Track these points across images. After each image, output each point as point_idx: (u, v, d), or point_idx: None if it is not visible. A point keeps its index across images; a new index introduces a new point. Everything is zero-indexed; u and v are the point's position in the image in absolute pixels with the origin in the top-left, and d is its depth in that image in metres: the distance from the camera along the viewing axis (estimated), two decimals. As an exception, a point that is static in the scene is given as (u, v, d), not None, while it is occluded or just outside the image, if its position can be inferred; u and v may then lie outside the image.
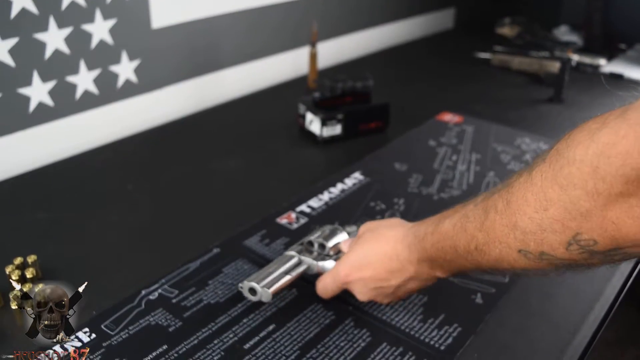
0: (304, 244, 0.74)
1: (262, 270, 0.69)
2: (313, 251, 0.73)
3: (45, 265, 0.76)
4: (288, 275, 0.69)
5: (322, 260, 0.71)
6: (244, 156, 1.09)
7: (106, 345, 0.64)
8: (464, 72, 1.58)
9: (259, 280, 0.67)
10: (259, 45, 1.42)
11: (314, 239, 0.72)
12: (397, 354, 0.64)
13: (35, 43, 1.00)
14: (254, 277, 0.68)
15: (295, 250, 0.73)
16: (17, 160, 1.03)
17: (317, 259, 0.71)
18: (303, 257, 0.71)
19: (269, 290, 0.66)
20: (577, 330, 0.68)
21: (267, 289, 0.66)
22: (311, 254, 0.72)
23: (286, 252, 0.73)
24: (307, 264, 0.71)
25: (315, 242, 0.72)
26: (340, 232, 0.74)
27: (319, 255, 0.72)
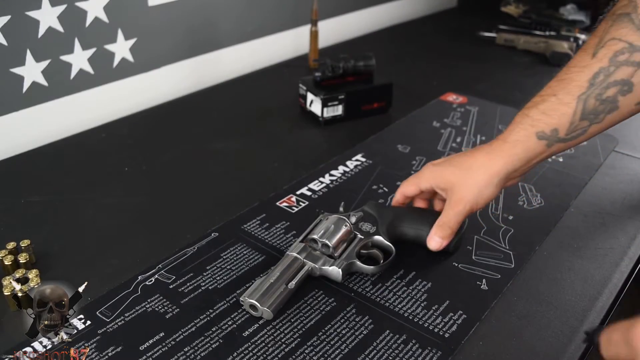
0: (306, 240, 0.71)
1: (264, 282, 0.65)
2: (316, 249, 0.70)
3: (39, 250, 0.74)
4: (290, 287, 0.65)
5: (326, 262, 0.69)
6: (243, 138, 1.07)
7: (101, 332, 0.63)
8: (468, 52, 1.55)
9: (261, 297, 0.64)
10: (258, 24, 1.39)
11: (318, 238, 0.70)
12: (400, 341, 0.62)
13: (28, 21, 0.97)
14: (255, 292, 0.64)
15: (298, 251, 0.70)
16: (10, 141, 1.01)
17: (321, 262, 0.69)
18: (306, 261, 0.69)
19: (269, 311, 0.63)
20: (585, 317, 0.66)
21: (269, 309, 0.63)
22: (315, 251, 0.70)
23: (289, 252, 0.70)
24: (311, 267, 0.69)
25: (319, 241, 0.70)
26: (345, 226, 0.72)
27: (322, 254, 0.70)
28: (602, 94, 0.65)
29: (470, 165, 0.70)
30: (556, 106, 0.67)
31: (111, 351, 0.60)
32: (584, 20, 1.70)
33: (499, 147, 0.69)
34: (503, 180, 0.70)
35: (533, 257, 0.76)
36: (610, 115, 0.67)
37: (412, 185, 0.75)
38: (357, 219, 0.74)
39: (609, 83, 0.65)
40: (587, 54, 0.67)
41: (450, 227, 0.70)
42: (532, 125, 0.68)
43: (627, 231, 0.81)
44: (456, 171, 0.71)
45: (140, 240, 0.79)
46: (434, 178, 0.73)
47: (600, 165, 0.97)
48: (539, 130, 0.68)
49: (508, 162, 0.69)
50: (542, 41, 1.50)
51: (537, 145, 0.68)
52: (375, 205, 0.77)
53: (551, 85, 0.69)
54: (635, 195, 0.89)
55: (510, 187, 0.76)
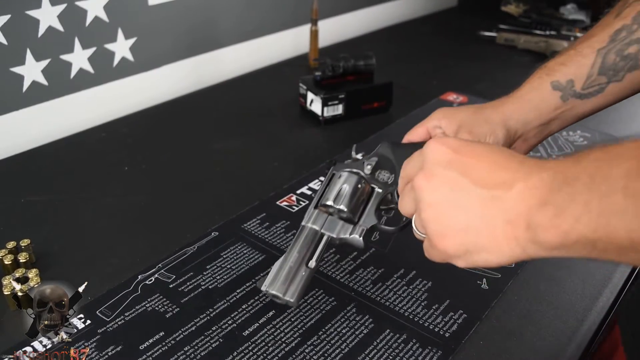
0: (321, 206, 0.64)
1: (283, 266, 0.61)
2: (333, 213, 0.64)
3: (38, 250, 0.74)
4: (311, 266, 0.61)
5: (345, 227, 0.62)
6: (243, 137, 1.07)
7: (101, 331, 0.63)
8: (469, 51, 1.55)
9: (282, 286, 0.60)
10: (259, 23, 1.39)
11: (333, 205, 0.63)
12: (401, 341, 0.62)
13: (28, 20, 0.97)
14: (275, 280, 0.60)
15: (314, 220, 0.63)
16: (10, 141, 1.01)
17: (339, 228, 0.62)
18: (324, 232, 0.63)
19: (294, 300, 0.59)
20: (586, 317, 0.66)
21: (292, 300, 0.59)
22: (331, 215, 0.63)
23: (305, 223, 0.64)
24: (329, 237, 0.63)
25: (334, 207, 0.63)
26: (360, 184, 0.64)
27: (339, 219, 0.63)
28: (623, 50, 0.63)
29: (483, 107, 0.66)
30: (574, 57, 0.64)
31: (111, 351, 0.60)
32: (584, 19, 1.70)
33: (513, 95, 0.67)
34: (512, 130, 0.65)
35: (533, 256, 0.75)
36: (631, 73, 0.63)
37: (419, 127, 0.69)
38: (372, 167, 0.66)
39: (631, 40, 0.62)
40: (611, 15, 0.65)
41: None
42: (548, 74, 0.65)
43: (627, 231, 0.81)
44: (466, 112, 0.67)
45: (140, 239, 0.79)
46: (445, 116, 0.67)
47: (600, 164, 0.97)
48: (554, 79, 0.65)
49: (519, 109, 0.65)
50: (543, 41, 1.50)
51: (552, 96, 0.64)
52: (391, 146, 0.69)
53: (572, 44, 0.67)
54: (635, 194, 0.89)
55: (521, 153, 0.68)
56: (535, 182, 0.40)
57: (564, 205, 0.38)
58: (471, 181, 0.43)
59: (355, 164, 0.67)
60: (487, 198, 0.43)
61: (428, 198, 0.46)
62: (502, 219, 0.42)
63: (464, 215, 0.44)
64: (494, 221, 0.42)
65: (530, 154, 0.98)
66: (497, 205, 0.42)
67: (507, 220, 0.41)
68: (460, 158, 0.45)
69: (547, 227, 0.39)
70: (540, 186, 0.40)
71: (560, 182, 0.39)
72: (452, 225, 0.44)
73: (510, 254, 0.42)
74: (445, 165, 0.45)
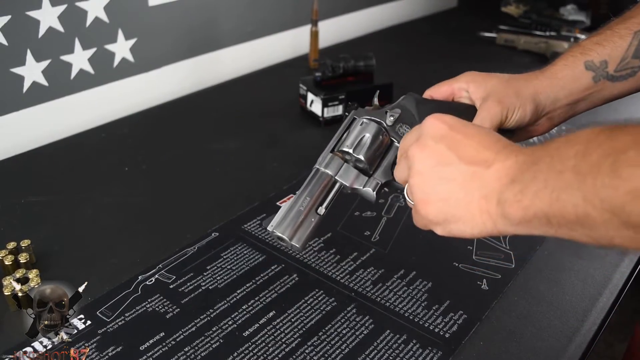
0: (337, 151, 0.62)
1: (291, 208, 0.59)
2: (348, 160, 0.61)
3: (39, 250, 0.74)
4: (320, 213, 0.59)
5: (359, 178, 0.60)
6: (243, 138, 1.07)
7: (102, 332, 0.63)
8: (469, 52, 1.55)
9: (289, 230, 0.58)
10: (259, 24, 1.39)
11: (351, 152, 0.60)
12: (401, 341, 0.62)
13: (28, 21, 0.97)
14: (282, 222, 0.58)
15: (329, 164, 0.61)
16: (11, 141, 1.01)
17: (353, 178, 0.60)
18: (337, 179, 0.60)
19: (299, 246, 0.58)
20: (586, 317, 0.66)
21: (298, 245, 0.58)
22: (346, 162, 0.61)
23: (319, 167, 0.61)
24: (342, 185, 0.61)
25: (352, 155, 0.61)
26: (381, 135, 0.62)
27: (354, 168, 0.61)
28: None
29: (515, 79, 0.65)
30: (610, 37, 0.64)
31: (111, 351, 0.60)
32: (584, 20, 1.70)
33: (546, 70, 0.66)
34: (540, 106, 0.64)
35: (533, 257, 0.76)
36: None
37: (445, 85, 0.68)
38: (394, 119, 0.64)
39: None
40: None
41: None
42: (582, 53, 0.64)
43: (627, 231, 0.81)
44: (497, 80, 0.65)
45: (140, 240, 0.79)
46: (474, 80, 0.66)
47: (600, 165, 0.97)
48: (588, 59, 0.64)
49: (551, 85, 0.64)
50: (543, 41, 1.50)
51: (583, 75, 0.64)
52: (415, 99, 0.66)
53: (609, 23, 0.66)
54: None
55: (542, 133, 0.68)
56: (511, 163, 0.45)
57: (527, 183, 0.42)
58: (457, 156, 0.47)
59: (377, 113, 0.64)
60: (468, 173, 0.47)
61: (417, 166, 0.50)
62: (479, 194, 0.46)
63: (447, 186, 0.47)
64: (472, 195, 0.46)
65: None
66: (476, 181, 0.46)
67: (482, 195, 0.46)
68: (453, 134, 0.49)
69: (512, 202, 0.43)
70: (513, 166, 0.44)
71: (529, 163, 0.43)
72: (434, 194, 0.48)
73: (482, 227, 0.46)
74: (438, 139, 0.49)
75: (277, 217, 0.59)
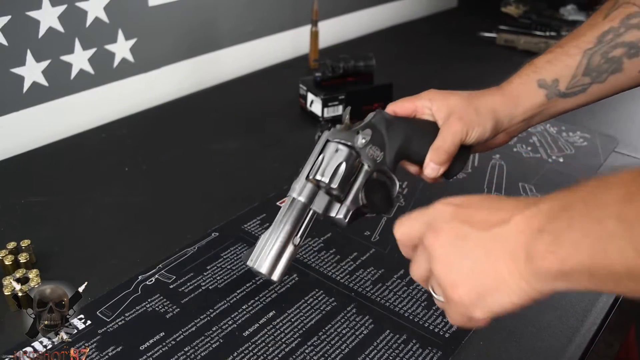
0: (312, 179, 0.63)
1: (269, 241, 0.61)
2: (321, 186, 0.63)
3: (39, 250, 0.74)
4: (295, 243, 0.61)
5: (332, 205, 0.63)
6: (243, 138, 1.07)
7: (102, 332, 0.63)
8: (469, 52, 1.55)
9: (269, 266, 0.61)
10: (259, 24, 1.39)
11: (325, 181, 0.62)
12: (401, 341, 0.62)
13: (28, 21, 0.97)
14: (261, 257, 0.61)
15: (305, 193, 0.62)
16: (10, 141, 1.01)
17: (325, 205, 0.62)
18: (312, 207, 0.62)
19: (276, 280, 0.61)
20: (586, 317, 0.66)
21: (275, 279, 0.61)
22: (319, 188, 0.63)
23: (295, 195, 0.63)
24: (316, 214, 0.63)
25: (325, 183, 0.62)
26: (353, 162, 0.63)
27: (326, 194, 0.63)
28: (608, 52, 0.65)
29: (474, 97, 0.67)
30: (561, 57, 0.66)
31: (111, 351, 0.60)
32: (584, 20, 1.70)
33: (503, 88, 0.68)
34: (499, 123, 0.66)
35: (533, 257, 0.75)
36: (613, 76, 0.66)
37: (408, 102, 0.69)
38: (365, 142, 0.65)
39: (617, 43, 0.65)
40: (600, 14, 0.67)
41: (446, 150, 0.64)
42: (535, 72, 0.67)
43: (627, 231, 0.81)
44: (458, 98, 0.67)
45: (140, 240, 0.79)
46: (434, 98, 0.67)
47: (600, 165, 0.97)
48: (541, 77, 0.66)
49: (508, 102, 0.66)
50: (543, 42, 1.50)
51: (537, 93, 0.66)
52: (385, 119, 0.67)
53: (561, 41, 0.68)
54: (635, 195, 0.89)
55: (500, 145, 0.71)
56: (532, 213, 0.41)
57: (560, 232, 0.38)
58: (472, 227, 0.44)
59: (348, 134, 0.65)
60: (487, 238, 0.43)
61: (437, 252, 0.46)
62: (504, 254, 0.42)
63: (470, 259, 0.44)
64: (497, 258, 0.42)
65: (530, 154, 0.99)
66: (498, 242, 0.42)
67: (508, 254, 0.41)
68: (462, 211, 0.46)
69: (545, 254, 0.39)
70: (537, 214, 0.40)
71: (557, 210, 0.39)
72: (460, 273, 0.44)
73: (519, 292, 0.41)
74: (449, 219, 0.46)
75: (256, 252, 0.61)
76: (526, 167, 0.96)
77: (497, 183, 0.91)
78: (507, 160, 0.98)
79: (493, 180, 0.92)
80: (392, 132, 0.66)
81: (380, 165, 0.65)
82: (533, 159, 0.99)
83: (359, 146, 0.64)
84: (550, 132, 1.07)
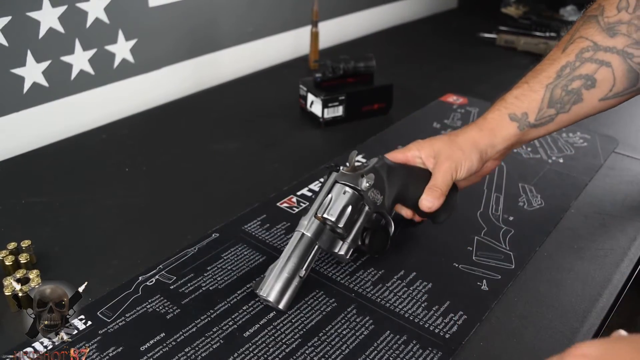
0: (320, 217, 0.68)
1: (280, 275, 0.65)
2: (327, 224, 0.68)
3: (39, 251, 0.74)
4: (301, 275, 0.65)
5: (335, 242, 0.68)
6: (243, 138, 1.07)
7: (102, 332, 0.63)
8: (469, 53, 1.55)
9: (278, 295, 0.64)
10: (259, 25, 1.39)
11: (333, 220, 0.67)
12: (401, 342, 0.62)
13: (28, 22, 0.97)
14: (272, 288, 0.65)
15: (313, 230, 0.67)
16: (11, 142, 1.01)
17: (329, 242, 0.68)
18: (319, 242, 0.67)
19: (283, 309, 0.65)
20: (586, 318, 0.66)
21: (283, 308, 0.65)
22: (325, 225, 0.68)
23: (305, 231, 0.66)
24: (320, 249, 0.68)
25: (332, 222, 0.67)
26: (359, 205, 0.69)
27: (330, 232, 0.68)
28: (567, 85, 0.71)
29: (455, 136, 0.74)
30: (527, 92, 0.73)
31: (112, 351, 0.60)
32: (584, 21, 1.70)
33: (479, 123, 0.74)
34: (484, 151, 0.73)
35: (533, 258, 0.76)
36: (576, 105, 0.72)
37: (399, 153, 0.76)
38: (369, 186, 0.71)
39: (574, 76, 0.71)
40: (558, 49, 0.73)
41: (439, 187, 0.72)
42: (506, 107, 0.73)
43: (627, 232, 0.81)
44: (442, 140, 0.75)
45: (140, 240, 0.79)
46: (422, 146, 0.75)
47: (600, 166, 0.97)
48: (511, 112, 0.73)
49: (486, 135, 0.73)
50: (542, 42, 1.50)
51: (510, 126, 0.73)
52: (387, 165, 0.74)
53: (527, 75, 0.75)
54: (635, 196, 0.89)
55: (490, 171, 0.79)
56: None
57: None
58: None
59: (353, 177, 0.71)
60: None
61: None
62: None
63: None
64: None
65: (531, 155, 0.99)
66: None
67: None
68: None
69: None
70: None
71: None
72: None
73: None
74: None
75: (266, 282, 0.65)
76: (526, 167, 0.96)
77: (497, 184, 0.92)
78: (507, 161, 0.98)
79: (493, 181, 0.92)
80: (392, 177, 0.73)
81: (380, 208, 0.72)
82: (533, 159, 0.99)
83: (363, 189, 0.70)
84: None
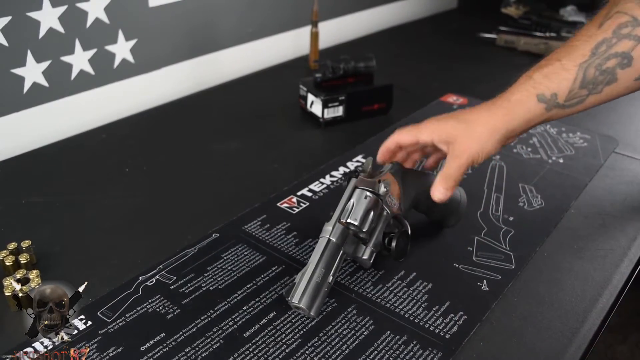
0: (344, 222, 0.66)
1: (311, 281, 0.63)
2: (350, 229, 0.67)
3: (39, 251, 0.74)
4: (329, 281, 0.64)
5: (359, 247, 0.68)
6: (244, 139, 1.07)
7: (102, 332, 0.63)
8: (469, 53, 1.55)
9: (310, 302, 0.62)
10: (259, 25, 1.39)
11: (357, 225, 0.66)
12: (401, 342, 0.62)
13: (28, 22, 0.97)
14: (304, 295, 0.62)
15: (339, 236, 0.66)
16: (11, 142, 1.01)
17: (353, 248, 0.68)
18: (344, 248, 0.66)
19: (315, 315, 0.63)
20: (586, 318, 0.66)
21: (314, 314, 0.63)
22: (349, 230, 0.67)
23: (332, 237, 0.65)
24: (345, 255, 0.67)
25: (355, 227, 0.66)
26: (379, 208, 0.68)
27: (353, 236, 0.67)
28: (602, 64, 0.66)
29: (473, 120, 0.70)
30: (558, 71, 0.68)
31: (112, 351, 0.60)
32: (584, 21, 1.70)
33: (501, 105, 0.70)
34: (503, 137, 0.70)
35: (533, 258, 0.76)
36: (608, 87, 0.68)
37: (409, 134, 0.73)
38: (386, 191, 0.70)
39: (609, 54, 0.66)
40: (594, 24, 0.68)
41: (454, 179, 0.69)
42: (534, 87, 0.69)
43: (627, 232, 0.81)
44: (458, 125, 0.70)
45: (141, 240, 0.79)
46: (435, 130, 0.71)
47: (600, 166, 0.97)
48: (540, 92, 0.68)
49: (508, 120, 0.69)
50: (543, 42, 1.50)
51: (537, 107, 0.69)
52: (401, 172, 0.74)
53: (558, 51, 0.70)
54: (635, 196, 0.89)
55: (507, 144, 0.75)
56: None
57: None
58: None
59: (371, 182, 0.70)
60: None
61: None
62: None
63: None
64: None
65: (531, 155, 0.99)
66: None
67: None
68: None
69: None
70: None
71: None
72: None
73: None
74: None
75: (298, 290, 0.63)
76: (526, 167, 0.96)
77: (497, 184, 0.92)
78: (507, 161, 0.98)
79: (493, 181, 0.92)
80: (407, 182, 0.74)
81: (397, 212, 0.71)
82: (533, 159, 0.99)
83: (381, 194, 0.69)
84: (550, 133, 1.08)
